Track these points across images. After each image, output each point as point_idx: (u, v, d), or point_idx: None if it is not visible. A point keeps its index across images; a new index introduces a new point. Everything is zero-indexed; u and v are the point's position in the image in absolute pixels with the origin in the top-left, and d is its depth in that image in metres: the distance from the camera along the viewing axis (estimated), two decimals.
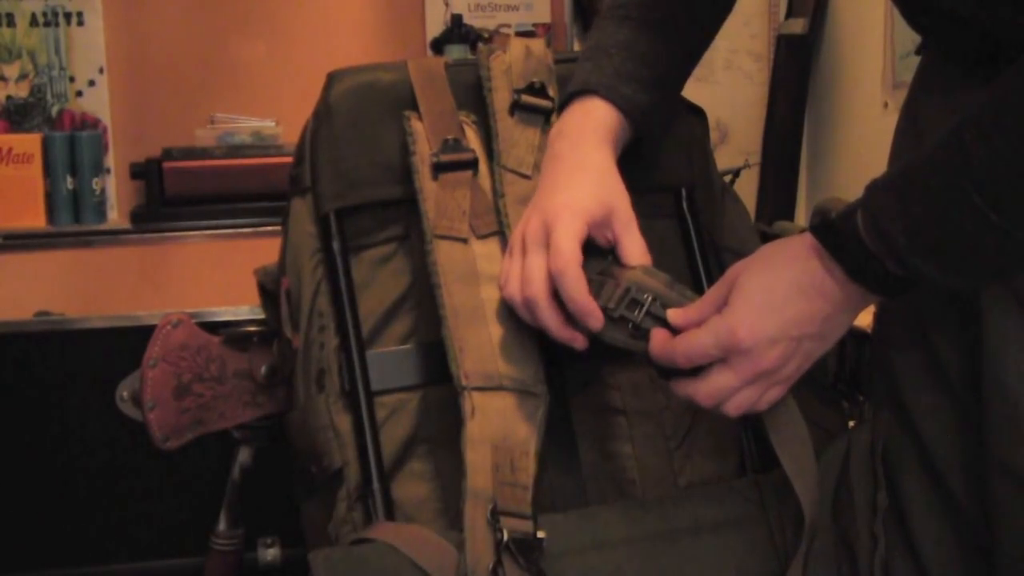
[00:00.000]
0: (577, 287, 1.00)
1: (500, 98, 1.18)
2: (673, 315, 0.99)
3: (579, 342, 1.03)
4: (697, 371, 0.98)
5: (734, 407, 0.98)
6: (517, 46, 1.21)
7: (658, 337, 0.99)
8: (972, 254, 0.88)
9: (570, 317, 1.02)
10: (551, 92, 1.18)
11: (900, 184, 0.90)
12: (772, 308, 0.95)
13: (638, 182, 1.09)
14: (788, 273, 0.96)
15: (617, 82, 1.09)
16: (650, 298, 1.01)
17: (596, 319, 1.01)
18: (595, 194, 1.05)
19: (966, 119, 0.86)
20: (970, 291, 0.95)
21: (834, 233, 0.93)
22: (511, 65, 1.20)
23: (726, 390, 0.97)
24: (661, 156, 1.21)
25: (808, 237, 0.95)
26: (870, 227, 0.90)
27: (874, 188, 0.92)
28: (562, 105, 1.13)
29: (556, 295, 1.02)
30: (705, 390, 0.98)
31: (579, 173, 1.06)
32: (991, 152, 0.84)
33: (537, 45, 1.23)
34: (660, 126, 1.15)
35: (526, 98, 1.17)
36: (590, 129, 1.09)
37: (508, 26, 2.91)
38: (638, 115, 1.10)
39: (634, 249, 1.04)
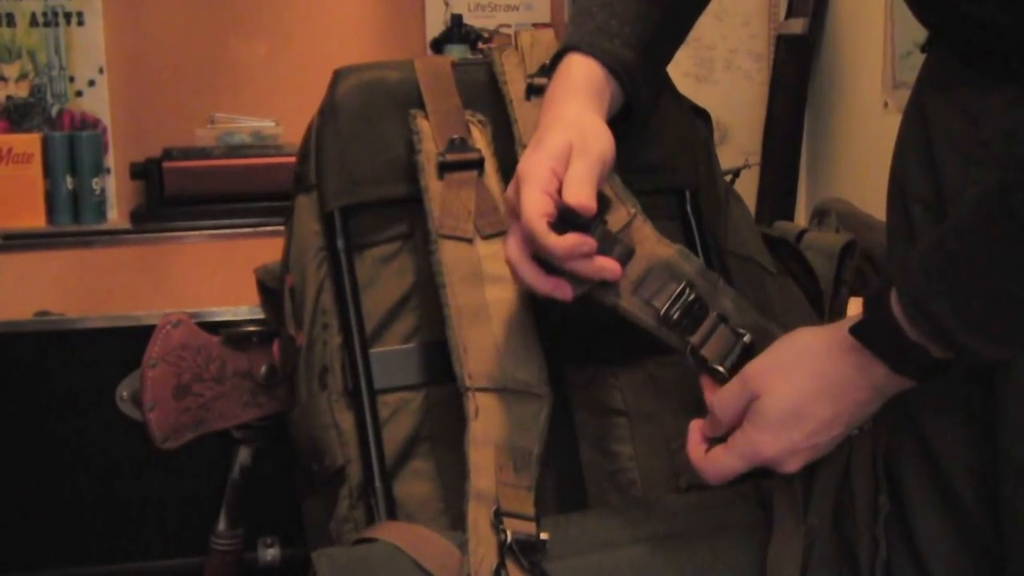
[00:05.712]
0: (547, 241, 0.95)
1: (515, 89, 1.18)
2: (696, 425, 1.00)
3: (565, 292, 0.99)
4: None
5: None
6: (524, 37, 1.22)
7: (695, 442, 0.99)
8: None
9: (554, 269, 0.98)
10: None
11: (941, 262, 0.86)
12: (796, 419, 0.93)
13: (642, 183, 1.09)
14: (813, 380, 0.92)
15: (598, 38, 1.06)
16: (691, 294, 1.00)
17: (585, 264, 0.97)
18: (563, 134, 1.00)
19: (1006, 182, 0.83)
20: None
21: (871, 328, 0.89)
22: (522, 56, 1.20)
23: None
24: (665, 157, 1.21)
25: (834, 336, 0.92)
26: (913, 312, 0.86)
27: (908, 270, 0.87)
28: (548, 73, 1.09)
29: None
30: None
31: (554, 125, 1.01)
32: None
33: (543, 33, 1.23)
34: (648, 90, 1.12)
35: (539, 81, 1.16)
36: (563, 85, 1.05)
37: (508, 26, 2.92)
38: (622, 71, 1.06)
39: (572, 179, 0.98)
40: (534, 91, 1.16)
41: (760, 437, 0.94)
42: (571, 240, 0.95)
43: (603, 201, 1.00)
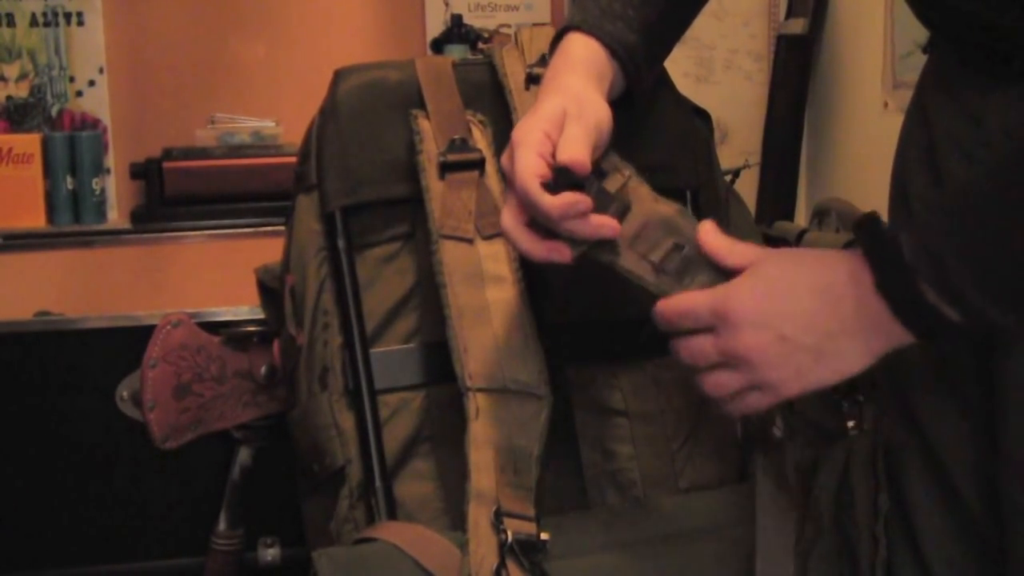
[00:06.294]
0: (540, 201, 0.93)
1: (515, 80, 1.18)
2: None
3: (563, 255, 0.97)
4: None
5: (711, 384, 0.93)
6: (524, 33, 1.22)
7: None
8: None
9: (551, 235, 0.96)
10: None
11: (951, 207, 0.86)
12: (774, 296, 0.90)
13: None
14: (808, 270, 0.91)
15: (601, 20, 1.05)
16: (689, 250, 0.97)
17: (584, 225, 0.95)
18: (558, 100, 0.99)
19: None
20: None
21: (872, 234, 0.89)
22: (522, 50, 1.20)
23: (702, 354, 0.92)
24: (666, 158, 1.21)
25: (846, 250, 0.91)
26: (916, 245, 0.85)
27: (920, 211, 0.88)
28: (549, 55, 1.09)
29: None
30: (685, 345, 0.93)
31: (551, 93, 1.00)
32: None
33: (543, 28, 1.23)
34: (650, 76, 1.11)
35: (538, 70, 1.16)
36: (563, 61, 1.04)
37: (508, 26, 2.91)
38: (623, 53, 1.05)
39: (565, 139, 0.96)
40: (533, 80, 1.16)
41: (737, 291, 0.91)
42: (566, 199, 0.93)
43: (599, 171, 0.98)
